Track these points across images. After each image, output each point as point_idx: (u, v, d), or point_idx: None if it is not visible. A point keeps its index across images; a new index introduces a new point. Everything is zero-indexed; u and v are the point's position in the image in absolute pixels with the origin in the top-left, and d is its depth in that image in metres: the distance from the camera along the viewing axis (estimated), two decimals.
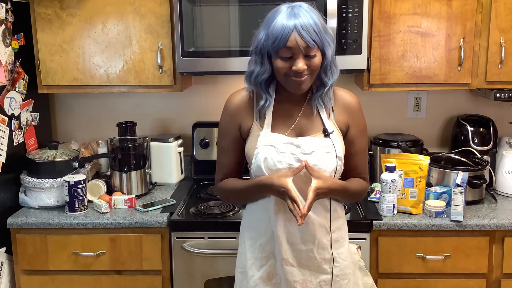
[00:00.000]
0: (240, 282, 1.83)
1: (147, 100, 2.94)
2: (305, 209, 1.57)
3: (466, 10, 2.40)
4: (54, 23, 2.49)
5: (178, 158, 2.80)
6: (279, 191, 1.62)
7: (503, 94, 2.48)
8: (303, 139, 1.69)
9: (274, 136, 1.70)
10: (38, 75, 2.56)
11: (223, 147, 1.82)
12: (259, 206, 1.76)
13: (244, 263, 1.80)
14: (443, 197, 2.37)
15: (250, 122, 1.75)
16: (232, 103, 1.79)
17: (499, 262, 2.28)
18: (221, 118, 1.82)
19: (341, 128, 1.75)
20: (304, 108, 1.74)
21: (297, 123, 1.73)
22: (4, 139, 2.38)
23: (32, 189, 2.44)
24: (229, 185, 1.80)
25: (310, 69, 1.61)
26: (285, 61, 1.60)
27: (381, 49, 2.44)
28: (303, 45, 1.56)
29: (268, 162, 1.67)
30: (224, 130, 1.81)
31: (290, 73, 1.61)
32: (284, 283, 1.74)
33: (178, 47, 2.38)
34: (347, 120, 1.76)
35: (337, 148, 1.69)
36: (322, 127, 1.72)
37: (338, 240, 1.77)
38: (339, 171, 1.72)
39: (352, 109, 1.77)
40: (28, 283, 2.39)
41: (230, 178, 1.82)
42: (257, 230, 1.77)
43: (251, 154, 1.72)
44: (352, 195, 1.81)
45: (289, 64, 1.60)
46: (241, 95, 1.78)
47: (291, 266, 1.72)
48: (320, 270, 1.74)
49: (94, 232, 2.32)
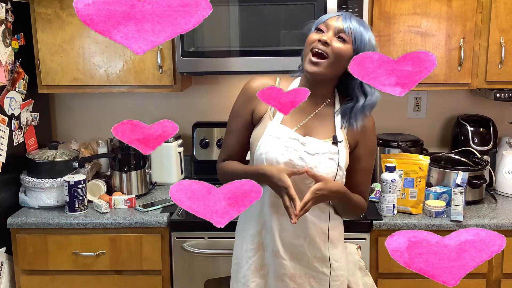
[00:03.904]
0: (234, 273, 1.84)
1: (147, 100, 2.94)
2: (298, 209, 1.54)
3: (466, 10, 2.40)
4: (54, 23, 2.49)
5: (178, 158, 2.80)
6: (278, 184, 1.59)
7: (503, 94, 2.48)
8: (310, 139, 1.68)
9: (282, 128, 1.69)
10: (38, 75, 2.56)
11: (231, 128, 1.80)
12: None
13: (239, 254, 1.80)
14: (443, 197, 2.37)
15: (264, 110, 1.73)
16: (252, 86, 1.76)
17: (499, 262, 2.28)
18: (236, 100, 1.80)
19: (350, 144, 1.73)
20: (319, 111, 1.73)
21: (307, 122, 1.72)
22: (4, 139, 2.38)
23: (32, 189, 2.44)
24: (229, 167, 1.78)
25: (332, 51, 1.61)
26: (315, 34, 1.65)
27: (381, 49, 2.44)
28: (339, 25, 1.62)
29: (270, 153, 1.66)
30: (236, 111, 1.79)
31: (315, 45, 1.62)
32: (273, 275, 1.74)
33: (178, 47, 2.38)
34: (357, 137, 1.74)
35: (341, 157, 1.68)
36: (332, 134, 1.70)
37: (333, 241, 1.75)
38: (337, 180, 1.69)
39: (366, 128, 1.74)
40: (28, 283, 2.39)
41: (232, 161, 1.80)
42: (251, 221, 1.76)
43: (256, 141, 1.71)
44: (351, 206, 1.77)
45: (317, 37, 1.63)
46: (263, 81, 1.75)
47: (282, 259, 1.71)
48: (311, 267, 1.73)
49: (94, 232, 2.32)
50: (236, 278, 1.81)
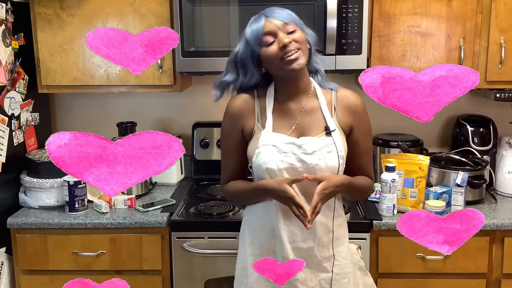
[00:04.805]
0: (240, 277, 1.84)
1: (147, 100, 2.94)
2: (310, 214, 1.58)
3: (466, 10, 2.40)
4: (54, 23, 2.49)
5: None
6: (281, 196, 1.63)
7: (503, 94, 2.48)
8: (305, 139, 1.69)
9: (275, 135, 1.70)
10: (38, 75, 2.56)
11: (226, 150, 1.82)
12: (260, 204, 1.76)
13: (244, 259, 1.80)
14: (443, 197, 2.37)
15: (253, 124, 1.75)
16: (233, 106, 1.78)
17: (499, 262, 2.28)
18: (223, 122, 1.82)
19: (344, 130, 1.74)
20: (306, 106, 1.74)
21: (299, 123, 1.73)
22: (4, 139, 2.38)
23: (32, 189, 2.44)
24: (233, 188, 1.81)
25: (296, 42, 1.63)
26: (271, 46, 1.64)
27: (381, 49, 2.44)
28: (278, 23, 1.63)
29: (269, 161, 1.67)
30: (226, 133, 1.81)
31: (281, 54, 1.63)
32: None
33: (178, 47, 2.38)
34: (350, 121, 1.75)
35: (339, 146, 1.69)
36: (323, 126, 1.71)
37: (338, 238, 1.77)
38: (341, 170, 1.72)
39: (356, 110, 1.76)
40: (28, 283, 2.39)
41: (234, 181, 1.82)
42: (258, 228, 1.77)
43: (252, 154, 1.72)
44: (358, 190, 1.80)
45: (276, 47, 1.63)
46: (242, 97, 1.78)
47: None
48: (320, 269, 1.74)
49: (94, 232, 2.32)
50: (243, 283, 1.81)
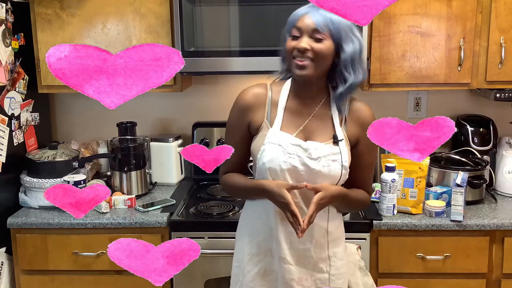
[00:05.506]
0: (236, 276, 1.83)
1: (147, 100, 2.93)
2: (305, 223, 1.58)
3: (466, 10, 2.40)
4: (54, 23, 2.49)
5: (178, 158, 2.80)
6: (278, 200, 1.62)
7: (503, 94, 2.48)
8: (311, 144, 1.67)
9: (282, 135, 1.68)
10: (38, 75, 2.56)
11: (230, 142, 1.78)
12: (258, 203, 1.75)
13: (241, 258, 1.80)
14: (443, 197, 2.37)
15: (261, 120, 1.72)
16: (244, 99, 1.75)
17: (499, 262, 2.28)
18: (231, 112, 1.79)
19: (350, 141, 1.73)
20: (317, 111, 1.72)
21: (306, 125, 1.71)
22: (4, 139, 2.38)
23: (32, 189, 2.44)
24: (231, 180, 1.79)
25: (313, 53, 1.59)
26: (293, 40, 1.61)
27: (381, 49, 2.44)
28: (311, 25, 1.57)
29: (273, 160, 1.66)
30: (232, 125, 1.78)
31: (295, 53, 1.61)
32: (281, 281, 1.74)
33: (178, 47, 2.37)
34: (358, 134, 1.73)
35: (344, 157, 1.68)
36: (332, 133, 1.70)
37: (335, 240, 1.76)
38: (342, 180, 1.71)
39: (366, 123, 1.72)
40: (28, 283, 2.39)
41: (233, 173, 1.80)
42: (255, 227, 1.77)
43: (257, 151, 1.70)
44: (354, 203, 1.79)
45: (295, 43, 1.60)
46: (254, 91, 1.75)
47: (289, 264, 1.72)
48: (316, 269, 1.74)
49: (94, 232, 2.32)
50: (239, 282, 1.81)
